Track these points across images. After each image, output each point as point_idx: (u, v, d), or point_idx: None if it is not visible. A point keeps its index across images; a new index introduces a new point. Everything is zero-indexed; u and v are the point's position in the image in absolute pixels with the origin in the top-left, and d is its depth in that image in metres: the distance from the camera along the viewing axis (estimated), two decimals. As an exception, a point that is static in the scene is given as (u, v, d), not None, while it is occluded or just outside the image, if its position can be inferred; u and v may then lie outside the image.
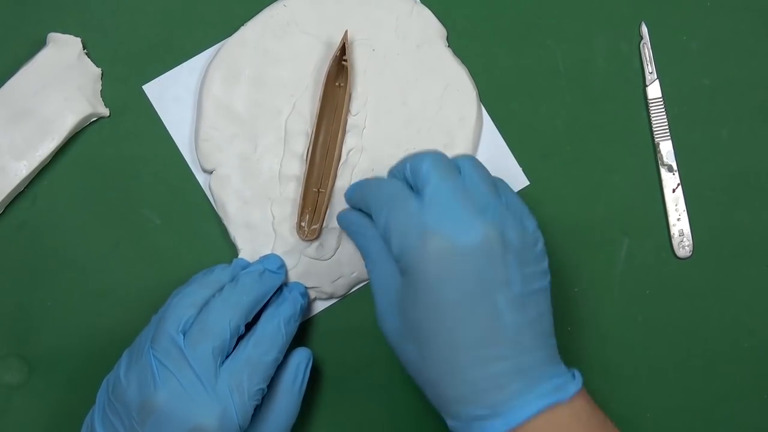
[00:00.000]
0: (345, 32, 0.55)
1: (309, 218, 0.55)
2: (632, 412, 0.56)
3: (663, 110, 0.57)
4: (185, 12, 0.57)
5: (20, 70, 0.55)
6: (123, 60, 0.57)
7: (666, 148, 0.57)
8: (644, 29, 0.57)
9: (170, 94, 0.57)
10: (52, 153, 0.55)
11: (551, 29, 0.58)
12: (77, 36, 0.56)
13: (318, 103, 0.55)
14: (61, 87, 0.55)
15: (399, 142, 0.56)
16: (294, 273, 0.55)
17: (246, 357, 0.48)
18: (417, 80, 0.56)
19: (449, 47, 0.57)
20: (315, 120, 0.55)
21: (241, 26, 0.56)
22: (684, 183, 0.57)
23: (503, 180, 0.49)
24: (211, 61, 0.56)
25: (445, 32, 0.57)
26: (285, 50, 0.56)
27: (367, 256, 0.49)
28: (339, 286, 0.55)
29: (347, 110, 0.56)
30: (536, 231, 0.47)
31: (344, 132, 0.55)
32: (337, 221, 0.53)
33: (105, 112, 0.56)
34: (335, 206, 0.55)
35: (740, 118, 0.57)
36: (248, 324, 0.50)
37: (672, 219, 0.57)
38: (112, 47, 0.57)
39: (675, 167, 0.57)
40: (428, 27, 0.57)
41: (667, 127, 0.57)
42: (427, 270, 0.44)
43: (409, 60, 0.56)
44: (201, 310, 0.49)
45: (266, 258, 0.54)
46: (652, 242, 0.57)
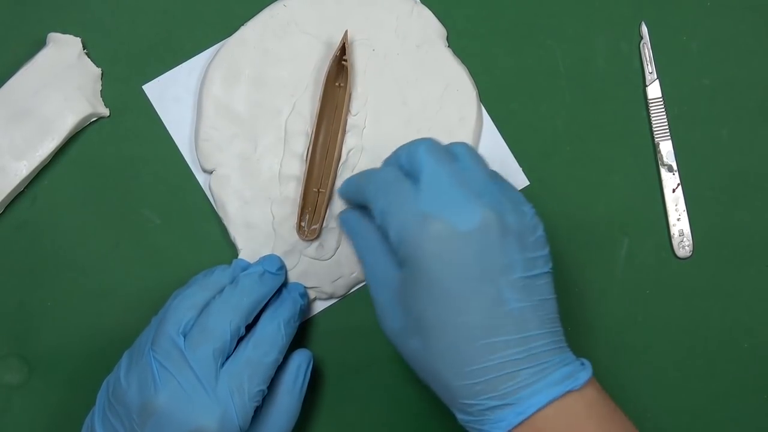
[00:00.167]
0: (345, 32, 0.55)
1: (309, 218, 0.55)
2: (632, 412, 0.56)
3: (663, 110, 0.57)
4: (185, 12, 0.57)
5: (20, 70, 0.55)
6: (123, 60, 0.57)
7: (666, 148, 0.57)
8: (644, 29, 0.57)
9: (170, 94, 0.57)
10: (52, 153, 0.55)
11: (551, 29, 0.58)
12: (77, 36, 0.56)
13: (318, 103, 0.55)
14: (61, 87, 0.55)
15: (399, 142, 0.55)
16: (294, 273, 0.55)
17: (246, 358, 0.48)
18: (417, 80, 0.56)
19: (449, 47, 0.57)
20: (315, 120, 0.55)
21: (241, 26, 0.56)
22: (684, 183, 0.57)
23: (497, 173, 0.49)
24: (211, 61, 0.56)
25: (445, 32, 0.57)
26: (285, 50, 0.56)
27: (364, 255, 0.48)
28: (339, 286, 0.55)
29: (347, 110, 0.56)
30: (534, 217, 0.46)
31: (344, 132, 0.55)
32: (338, 221, 0.53)
33: (105, 112, 0.56)
34: (335, 206, 0.55)
35: (740, 118, 0.57)
36: (248, 325, 0.50)
37: (672, 219, 0.57)
38: (112, 47, 0.57)
39: (675, 167, 0.57)
40: (428, 27, 0.57)
41: (667, 127, 0.57)
42: (427, 256, 0.43)
43: (409, 60, 0.56)
44: (201, 312, 0.49)
45: (266, 259, 0.54)
46: (652, 242, 0.57)
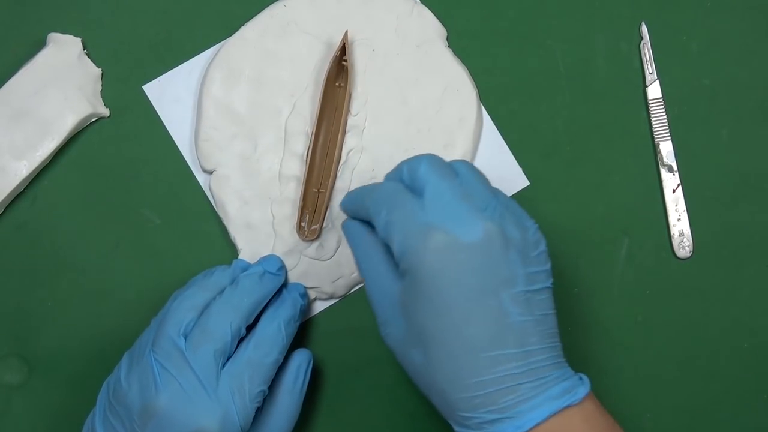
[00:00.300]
0: (345, 32, 0.55)
1: (309, 218, 0.55)
2: (632, 412, 0.56)
3: (663, 110, 0.57)
4: (185, 12, 0.57)
5: (20, 70, 0.55)
6: (123, 60, 0.57)
7: (666, 148, 0.57)
8: (644, 29, 0.57)
9: (170, 94, 0.57)
10: (52, 153, 0.55)
11: (551, 29, 0.58)
12: (77, 36, 0.56)
13: (318, 104, 0.55)
14: (61, 87, 0.55)
15: (399, 142, 0.56)
16: (294, 273, 0.55)
17: (247, 359, 0.48)
18: (417, 80, 0.56)
19: (449, 47, 0.57)
20: (315, 120, 0.55)
21: (241, 26, 0.56)
22: (684, 183, 0.57)
23: (499, 190, 0.49)
24: (211, 61, 0.56)
25: (445, 32, 0.57)
26: (285, 50, 0.56)
27: (365, 266, 0.48)
28: (339, 287, 0.55)
29: (347, 110, 0.56)
30: (537, 232, 0.46)
31: (344, 132, 0.55)
32: (342, 229, 0.52)
33: (105, 112, 0.56)
34: (335, 206, 0.55)
35: (740, 118, 0.57)
36: (248, 326, 0.50)
37: (672, 219, 0.57)
38: (112, 47, 0.57)
39: (675, 167, 0.57)
40: (428, 27, 0.57)
41: (667, 127, 0.57)
42: (430, 267, 0.43)
43: (409, 60, 0.56)
44: (202, 313, 0.49)
45: (266, 259, 0.54)
46: (652, 242, 0.57)
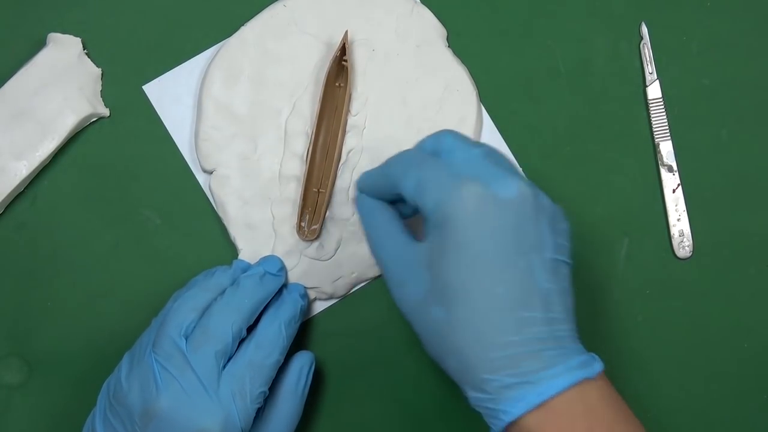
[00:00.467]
0: (345, 32, 0.55)
1: (309, 218, 0.55)
2: (633, 412, 0.56)
3: (663, 110, 0.57)
4: (185, 12, 0.57)
5: (20, 70, 0.55)
6: (123, 60, 0.57)
7: (666, 148, 0.57)
8: (644, 29, 0.57)
9: (170, 94, 0.57)
10: (52, 153, 0.55)
11: (551, 29, 0.58)
12: (77, 36, 0.56)
13: (318, 104, 0.55)
14: (61, 87, 0.55)
15: (399, 142, 0.56)
16: (294, 273, 0.55)
17: (248, 360, 0.48)
18: (417, 80, 0.56)
19: (449, 47, 0.57)
20: (315, 120, 0.55)
21: (241, 26, 0.56)
22: (684, 183, 0.57)
23: None
24: (211, 61, 0.56)
25: (445, 32, 0.57)
26: (285, 50, 0.56)
27: (378, 232, 0.47)
28: (339, 287, 0.55)
29: (347, 110, 0.56)
30: (561, 210, 0.46)
31: (344, 132, 0.55)
32: (354, 203, 0.51)
33: (105, 112, 0.56)
34: (335, 206, 0.55)
35: (740, 118, 0.57)
36: (249, 327, 0.50)
37: (672, 219, 0.57)
38: (112, 47, 0.57)
39: (675, 167, 0.57)
40: (428, 27, 0.57)
41: (667, 127, 0.57)
42: (466, 217, 0.42)
43: (409, 60, 0.56)
44: (203, 314, 0.49)
45: (266, 260, 0.54)
46: (652, 242, 0.57)
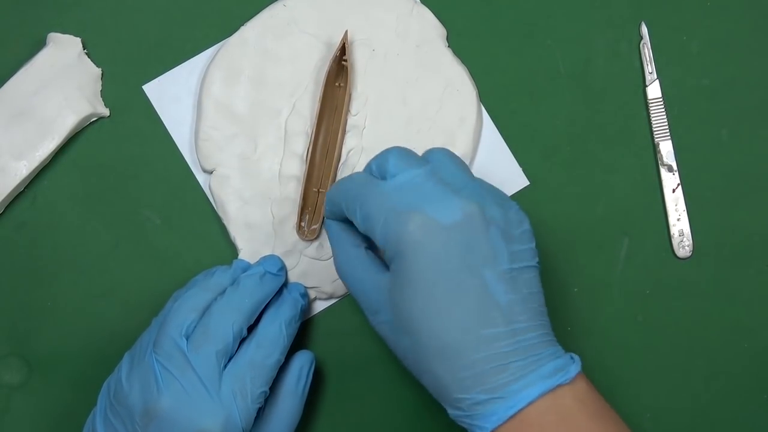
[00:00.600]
0: (345, 32, 0.55)
1: (309, 218, 0.55)
2: (632, 412, 0.56)
3: (663, 110, 0.57)
4: (185, 12, 0.57)
5: (20, 70, 0.55)
6: (123, 60, 0.57)
7: (666, 148, 0.57)
8: (644, 29, 0.57)
9: (170, 94, 0.57)
10: (52, 153, 0.55)
11: (551, 29, 0.57)
12: (77, 36, 0.56)
13: (318, 103, 0.55)
14: (61, 87, 0.55)
15: (399, 142, 0.55)
16: (294, 273, 0.55)
17: (249, 360, 0.48)
18: (417, 80, 0.56)
19: (449, 47, 0.57)
20: (315, 120, 0.55)
21: (241, 26, 0.56)
22: (684, 183, 0.57)
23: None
24: (211, 61, 0.56)
25: (445, 32, 0.57)
26: (285, 50, 0.56)
27: (348, 260, 0.48)
28: (339, 286, 0.55)
29: (347, 110, 0.56)
30: (519, 212, 0.46)
31: (344, 132, 0.55)
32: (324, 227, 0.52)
33: (105, 112, 0.56)
34: (335, 206, 0.55)
35: (740, 118, 0.57)
36: (249, 327, 0.50)
37: (672, 219, 0.57)
38: (112, 47, 0.57)
39: (675, 167, 0.57)
40: (428, 27, 0.57)
41: (667, 127, 0.57)
42: (411, 250, 0.43)
43: (409, 60, 0.56)
44: (203, 314, 0.49)
45: (266, 260, 0.54)
46: (652, 242, 0.57)
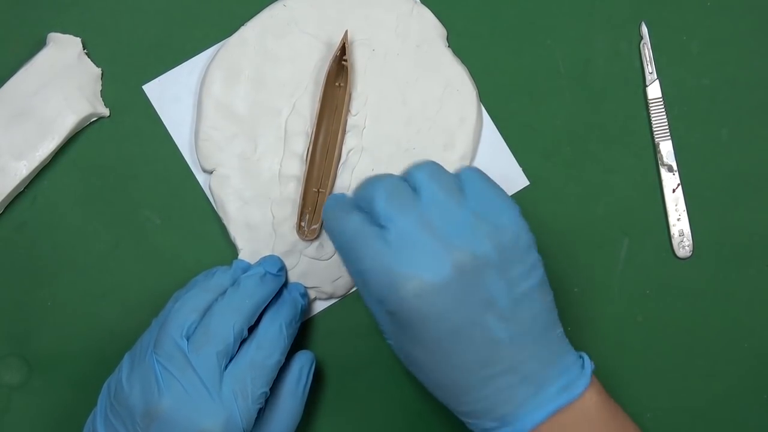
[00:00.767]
0: (345, 32, 0.55)
1: (309, 218, 0.55)
2: (632, 412, 0.56)
3: (663, 110, 0.57)
4: (185, 12, 0.57)
5: (20, 70, 0.55)
6: (123, 60, 0.57)
7: (666, 148, 0.57)
8: (644, 29, 0.57)
9: (170, 94, 0.57)
10: (52, 153, 0.55)
11: (551, 29, 0.57)
12: (77, 36, 0.56)
13: (318, 103, 0.55)
14: (61, 87, 0.55)
15: (399, 142, 0.56)
16: (294, 273, 0.55)
17: (249, 361, 0.48)
18: (417, 80, 0.56)
19: (449, 47, 0.57)
20: (315, 120, 0.55)
21: (241, 26, 0.56)
22: (684, 183, 0.57)
23: (472, 169, 0.47)
24: (211, 61, 0.56)
25: (445, 32, 0.57)
26: (285, 50, 0.56)
27: (358, 288, 0.48)
28: (339, 286, 0.55)
29: (347, 110, 0.56)
30: (516, 223, 0.45)
31: (344, 132, 0.55)
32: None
33: (105, 112, 0.56)
34: (335, 206, 0.55)
35: (740, 118, 0.57)
36: (249, 327, 0.50)
37: (672, 219, 0.57)
38: (112, 47, 0.57)
39: (675, 167, 0.57)
40: (428, 27, 0.57)
41: (667, 127, 0.57)
42: (408, 314, 0.44)
43: (409, 60, 0.56)
44: (204, 315, 0.49)
45: (267, 260, 0.54)
46: (652, 242, 0.57)
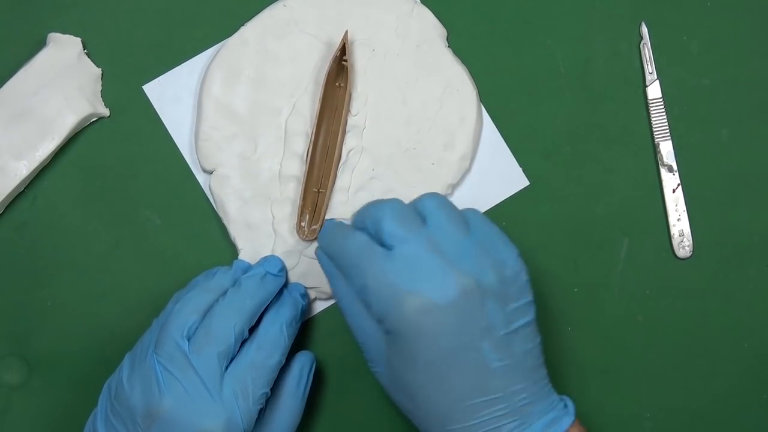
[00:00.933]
0: (345, 32, 0.55)
1: (309, 218, 0.55)
2: (632, 412, 0.56)
3: (663, 110, 0.57)
4: (185, 12, 0.57)
5: (20, 70, 0.55)
6: (123, 60, 0.57)
7: (666, 148, 0.57)
8: (644, 29, 0.57)
9: (170, 94, 0.57)
10: (52, 153, 0.55)
11: (551, 29, 0.57)
12: (77, 36, 0.56)
13: (318, 104, 0.55)
14: (61, 87, 0.55)
15: (399, 142, 0.56)
16: (294, 273, 0.55)
17: (250, 361, 0.48)
18: (417, 80, 0.56)
19: (449, 47, 0.57)
20: (315, 120, 0.55)
21: (241, 26, 0.56)
22: (684, 183, 0.57)
23: (475, 210, 0.48)
24: (211, 61, 0.56)
25: (445, 32, 0.57)
26: (285, 50, 0.56)
27: (348, 310, 0.48)
28: (339, 286, 0.55)
29: (347, 110, 0.56)
30: (517, 261, 0.46)
31: (344, 132, 0.55)
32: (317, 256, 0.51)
33: (105, 112, 0.56)
34: (335, 206, 0.55)
35: (740, 118, 0.57)
36: (250, 327, 0.50)
37: (672, 219, 0.57)
38: (112, 47, 0.57)
39: (675, 167, 0.57)
40: (428, 27, 0.57)
41: (667, 127, 0.57)
42: (409, 331, 0.44)
43: (409, 60, 0.56)
44: (205, 316, 0.49)
45: (267, 260, 0.54)
46: (652, 242, 0.57)
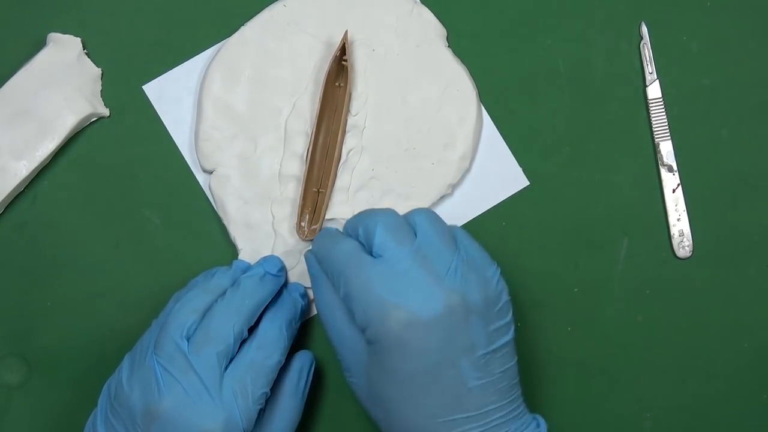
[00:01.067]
0: (345, 32, 0.55)
1: (309, 218, 0.55)
2: (632, 412, 0.56)
3: (663, 110, 0.57)
4: (185, 12, 0.57)
5: (20, 70, 0.55)
6: (123, 60, 0.57)
7: (666, 148, 0.57)
8: (644, 29, 0.57)
9: (170, 94, 0.57)
10: (52, 153, 0.55)
11: (551, 29, 0.57)
12: (77, 36, 0.56)
13: (318, 103, 0.55)
14: (61, 87, 0.55)
15: (399, 142, 0.56)
16: (294, 273, 0.55)
17: (249, 361, 0.48)
18: (417, 80, 0.56)
19: (449, 47, 0.57)
20: (315, 120, 0.55)
21: (241, 26, 0.56)
22: (684, 183, 0.57)
23: (458, 227, 0.50)
24: (211, 61, 0.56)
25: (445, 32, 0.57)
26: (285, 50, 0.56)
27: (328, 316, 0.49)
28: (339, 286, 0.55)
29: (347, 110, 0.56)
30: (500, 281, 0.47)
31: (344, 132, 0.55)
32: (305, 260, 0.52)
33: (105, 112, 0.56)
34: (335, 206, 0.55)
35: (740, 118, 0.57)
36: (250, 327, 0.50)
37: (672, 219, 0.57)
38: (112, 47, 0.57)
39: (675, 167, 0.57)
40: (428, 27, 0.57)
41: (667, 127, 0.57)
42: (391, 344, 0.44)
43: (409, 60, 0.56)
44: (204, 316, 0.49)
45: (266, 260, 0.54)
46: (652, 242, 0.57)
